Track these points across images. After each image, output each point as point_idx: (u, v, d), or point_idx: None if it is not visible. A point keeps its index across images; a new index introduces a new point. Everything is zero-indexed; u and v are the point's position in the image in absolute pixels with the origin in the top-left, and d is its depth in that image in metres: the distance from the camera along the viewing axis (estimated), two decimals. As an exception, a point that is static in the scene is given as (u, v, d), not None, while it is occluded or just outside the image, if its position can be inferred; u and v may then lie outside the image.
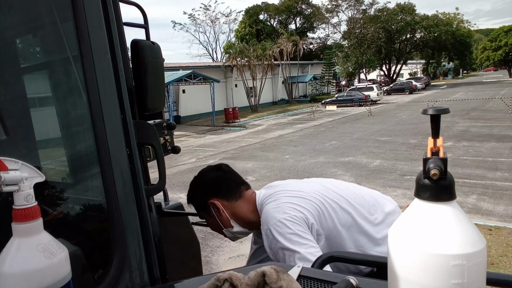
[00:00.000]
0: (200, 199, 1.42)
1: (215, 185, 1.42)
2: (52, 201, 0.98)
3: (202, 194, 1.42)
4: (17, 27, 1.03)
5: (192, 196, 1.45)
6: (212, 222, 1.44)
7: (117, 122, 0.89)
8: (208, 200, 1.39)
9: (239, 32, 43.90)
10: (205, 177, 1.46)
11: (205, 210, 1.42)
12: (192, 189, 1.45)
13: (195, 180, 1.46)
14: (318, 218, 1.26)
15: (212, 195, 1.40)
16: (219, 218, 1.40)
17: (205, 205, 1.40)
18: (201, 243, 2.87)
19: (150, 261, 0.93)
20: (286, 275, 0.70)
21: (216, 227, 1.45)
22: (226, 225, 1.41)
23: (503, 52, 54.23)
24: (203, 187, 1.43)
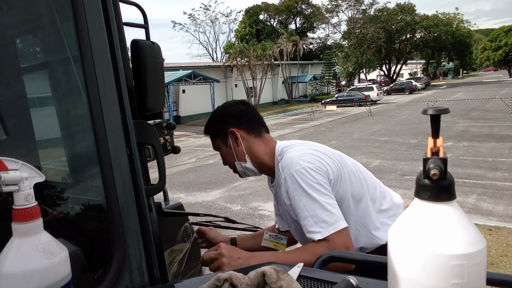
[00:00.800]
0: (220, 126, 1.41)
1: (238, 116, 1.42)
2: (52, 201, 0.98)
3: (223, 121, 1.41)
4: (17, 27, 1.03)
5: (212, 122, 1.45)
6: (226, 152, 1.43)
7: (117, 122, 0.89)
8: (229, 128, 1.39)
9: (239, 32, 43.90)
10: (229, 106, 1.46)
11: (222, 138, 1.42)
12: (213, 116, 1.46)
13: (218, 109, 1.48)
14: (335, 179, 1.26)
15: (233, 124, 1.40)
16: (235, 148, 1.40)
17: (223, 133, 1.40)
18: (201, 243, 2.86)
19: (150, 261, 0.93)
20: (286, 275, 0.70)
21: (228, 159, 1.44)
22: (239, 158, 1.41)
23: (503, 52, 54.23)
24: (226, 115, 1.43)
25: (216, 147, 1.47)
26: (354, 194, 1.31)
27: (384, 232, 1.33)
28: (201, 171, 9.39)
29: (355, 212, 1.31)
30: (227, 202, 6.65)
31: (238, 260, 1.16)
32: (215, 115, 1.46)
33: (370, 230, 1.33)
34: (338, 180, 1.27)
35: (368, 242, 1.34)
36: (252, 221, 5.47)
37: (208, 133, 1.47)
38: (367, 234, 1.33)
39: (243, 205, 6.39)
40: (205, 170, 9.52)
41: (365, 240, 1.34)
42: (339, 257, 1.03)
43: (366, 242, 1.34)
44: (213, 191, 7.45)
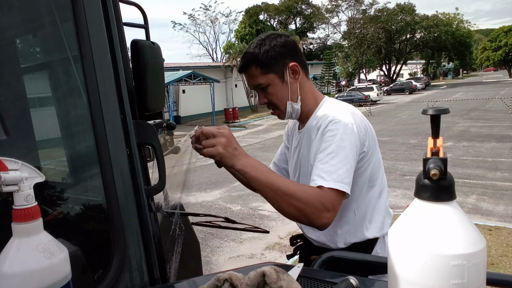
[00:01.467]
0: (278, 58, 1.23)
1: (295, 49, 1.27)
2: (52, 201, 0.98)
3: (281, 53, 1.23)
4: (17, 27, 1.03)
5: (267, 52, 1.22)
6: (278, 89, 1.25)
7: (117, 122, 0.89)
8: (290, 62, 1.24)
9: (239, 32, 43.90)
10: (282, 38, 1.26)
11: (278, 73, 1.24)
12: (267, 46, 1.23)
13: (269, 38, 1.26)
14: (367, 152, 1.22)
15: (291, 58, 1.24)
16: (291, 86, 1.25)
17: (281, 66, 1.24)
18: (201, 243, 2.87)
19: (150, 261, 0.93)
20: (286, 275, 0.70)
21: (279, 97, 1.27)
22: (292, 97, 1.26)
23: (503, 52, 54.26)
24: (282, 47, 1.24)
25: (264, 83, 1.25)
26: (372, 179, 1.27)
27: (374, 229, 1.30)
28: (201, 171, 9.39)
29: (364, 195, 1.27)
30: (227, 202, 6.65)
31: (234, 151, 1.05)
32: (267, 46, 1.23)
33: (364, 220, 1.30)
34: (368, 156, 1.22)
35: (355, 230, 1.29)
36: (252, 221, 5.47)
37: (257, 67, 1.24)
38: (359, 222, 1.29)
39: (243, 205, 6.39)
40: (205, 170, 9.52)
41: (354, 227, 1.29)
42: (339, 257, 1.03)
43: (354, 229, 1.29)
44: (213, 191, 7.46)
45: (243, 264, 3.73)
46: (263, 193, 1.08)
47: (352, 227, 1.30)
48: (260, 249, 4.60)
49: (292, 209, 1.05)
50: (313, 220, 1.05)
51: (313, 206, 1.04)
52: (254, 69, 1.25)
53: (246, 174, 1.06)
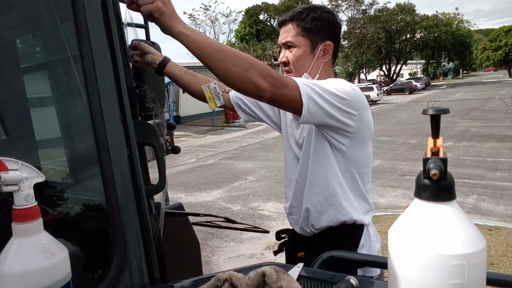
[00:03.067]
0: (322, 30, 1.24)
1: (338, 32, 1.29)
2: (52, 201, 0.98)
3: (327, 28, 1.25)
4: (17, 27, 1.03)
5: (318, 20, 1.24)
6: (303, 56, 1.26)
7: (117, 122, 0.89)
8: (328, 40, 1.25)
9: (239, 32, 43.90)
10: (337, 18, 1.29)
11: (312, 41, 1.25)
12: (321, 13, 1.25)
13: (327, 10, 1.28)
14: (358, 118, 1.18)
15: (330, 38, 1.26)
16: (316, 61, 1.26)
17: (319, 39, 1.25)
18: (201, 243, 2.87)
19: (150, 261, 0.93)
20: (286, 275, 0.70)
21: (301, 64, 1.27)
22: (311, 72, 1.27)
23: (503, 52, 54.28)
24: (331, 24, 1.26)
25: (295, 43, 1.26)
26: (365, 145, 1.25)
27: (359, 213, 1.27)
28: (201, 171, 9.38)
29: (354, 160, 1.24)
30: (227, 202, 6.65)
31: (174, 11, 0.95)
32: (321, 14, 1.25)
33: (349, 198, 1.26)
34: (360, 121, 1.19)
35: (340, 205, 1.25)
36: (252, 221, 5.48)
37: (298, 25, 1.25)
38: (345, 198, 1.25)
39: (243, 205, 6.39)
40: (205, 170, 9.52)
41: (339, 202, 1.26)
42: (339, 257, 1.03)
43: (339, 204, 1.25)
44: (213, 191, 7.45)
45: (243, 264, 3.73)
46: (206, 55, 0.96)
47: (337, 201, 1.26)
48: (260, 249, 4.60)
49: (237, 70, 0.96)
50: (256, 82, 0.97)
51: (259, 68, 0.98)
52: (296, 26, 1.26)
53: (187, 37, 0.95)
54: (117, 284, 0.85)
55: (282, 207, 6.13)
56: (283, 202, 5.87)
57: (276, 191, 7.02)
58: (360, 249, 1.29)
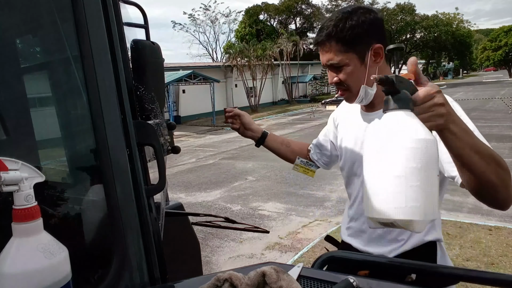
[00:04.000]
0: (364, 38, 1.12)
1: (382, 28, 1.15)
2: (52, 201, 0.98)
3: (367, 32, 1.12)
4: (17, 27, 1.03)
5: (354, 29, 1.10)
6: (355, 71, 1.15)
7: (117, 122, 0.89)
8: (375, 43, 1.12)
9: (239, 32, 43.89)
10: (373, 15, 1.14)
11: (358, 53, 1.13)
12: (353, 18, 1.11)
13: (359, 12, 1.13)
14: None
15: (376, 39, 1.13)
16: (369, 69, 1.13)
17: (364, 47, 1.13)
18: (201, 243, 2.87)
19: (150, 261, 0.93)
20: (286, 275, 0.70)
21: (355, 79, 1.16)
22: (368, 81, 1.15)
23: (503, 52, 54.29)
24: (371, 26, 1.12)
25: (340, 62, 1.14)
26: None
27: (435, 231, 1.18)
28: (201, 171, 9.38)
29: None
30: (227, 202, 6.65)
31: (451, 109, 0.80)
32: (356, 21, 1.10)
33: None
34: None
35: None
36: (252, 221, 5.47)
37: (338, 43, 1.13)
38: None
39: (243, 205, 6.38)
40: (205, 170, 9.52)
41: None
42: (339, 257, 1.03)
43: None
44: (213, 191, 7.45)
45: (243, 264, 3.73)
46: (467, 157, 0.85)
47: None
48: (260, 249, 4.60)
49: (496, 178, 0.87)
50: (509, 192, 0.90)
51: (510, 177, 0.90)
52: (334, 44, 1.14)
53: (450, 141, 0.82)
54: (117, 284, 0.85)
55: (282, 207, 6.13)
56: (283, 202, 5.87)
57: (276, 191, 7.02)
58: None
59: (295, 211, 5.86)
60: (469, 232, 4.55)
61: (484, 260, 3.84)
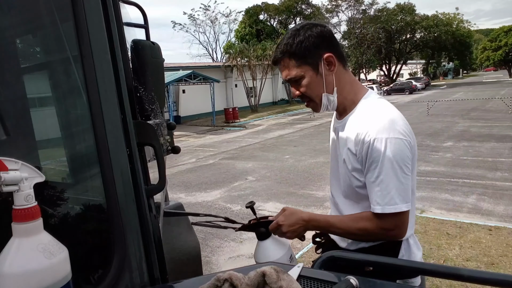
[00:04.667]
0: (313, 49, 1.20)
1: (330, 40, 1.24)
2: (52, 201, 0.98)
3: (316, 43, 1.21)
4: (17, 27, 1.03)
5: (301, 43, 1.20)
6: (312, 81, 1.24)
7: (117, 122, 0.89)
8: (325, 53, 1.21)
9: (239, 32, 43.87)
10: (318, 28, 1.23)
11: (312, 64, 1.22)
12: (301, 36, 1.21)
13: (304, 28, 1.23)
14: (412, 156, 1.18)
15: (327, 49, 1.22)
16: (326, 78, 1.22)
17: (315, 58, 1.21)
18: (201, 243, 2.87)
19: (150, 261, 0.93)
20: (286, 275, 0.70)
21: (314, 89, 1.25)
22: (328, 89, 1.24)
23: (503, 52, 54.27)
24: (317, 38, 1.21)
25: (297, 75, 1.24)
26: (414, 184, 1.24)
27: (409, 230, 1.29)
28: (201, 171, 9.38)
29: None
30: (227, 202, 6.65)
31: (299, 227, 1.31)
32: (302, 36, 1.21)
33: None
34: (414, 159, 1.19)
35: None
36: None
37: (291, 58, 1.23)
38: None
39: (243, 205, 6.38)
40: (205, 170, 9.51)
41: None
42: (339, 257, 1.03)
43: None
44: (213, 191, 7.45)
45: (243, 264, 3.73)
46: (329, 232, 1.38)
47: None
48: (260, 249, 4.59)
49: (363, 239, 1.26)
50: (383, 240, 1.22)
51: (375, 235, 1.19)
52: (288, 60, 1.24)
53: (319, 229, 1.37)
54: (117, 284, 0.85)
55: (282, 207, 6.13)
56: (283, 202, 5.88)
57: (276, 191, 7.02)
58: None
59: (295, 211, 5.85)
60: (469, 232, 4.55)
61: (484, 260, 3.84)
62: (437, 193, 6.18)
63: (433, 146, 10.04)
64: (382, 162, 1.12)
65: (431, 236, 4.49)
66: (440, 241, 4.35)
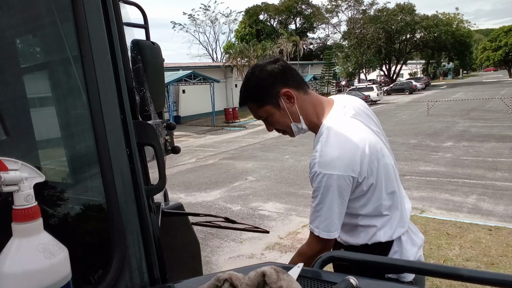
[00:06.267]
0: (268, 90, 1.30)
1: (283, 74, 1.31)
2: (52, 201, 0.98)
3: (269, 84, 1.30)
4: (17, 27, 1.03)
5: (255, 88, 1.31)
6: (278, 116, 1.33)
7: (117, 122, 0.89)
8: (280, 89, 1.29)
9: (239, 32, 43.89)
10: (266, 67, 1.31)
11: (272, 103, 1.31)
12: (254, 82, 1.32)
13: (254, 73, 1.32)
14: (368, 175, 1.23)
15: (282, 85, 1.30)
16: (289, 110, 1.32)
17: (273, 96, 1.30)
18: (201, 243, 2.87)
19: (150, 261, 0.93)
20: (286, 275, 0.70)
21: (282, 122, 1.35)
22: (294, 119, 1.34)
23: (503, 52, 54.27)
24: (270, 76, 1.30)
25: (263, 115, 1.35)
26: (388, 186, 1.30)
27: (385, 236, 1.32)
28: (201, 171, 9.38)
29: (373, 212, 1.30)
30: (227, 202, 6.65)
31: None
32: (255, 81, 1.31)
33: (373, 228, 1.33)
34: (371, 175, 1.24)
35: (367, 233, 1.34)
36: (252, 221, 5.47)
37: (252, 102, 1.34)
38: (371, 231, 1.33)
39: (243, 205, 6.39)
40: (205, 170, 9.52)
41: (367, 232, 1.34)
42: (339, 257, 1.03)
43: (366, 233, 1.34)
44: (213, 191, 7.45)
45: (243, 264, 3.73)
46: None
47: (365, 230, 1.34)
48: (260, 249, 4.60)
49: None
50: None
51: (312, 257, 1.18)
52: (251, 104, 1.35)
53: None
54: (117, 284, 0.85)
55: (282, 207, 6.13)
56: (283, 202, 5.87)
57: (276, 191, 7.02)
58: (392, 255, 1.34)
59: (295, 211, 5.86)
60: (469, 232, 4.55)
61: (484, 260, 3.84)
62: (437, 193, 6.18)
63: (433, 146, 10.04)
64: (319, 192, 1.23)
65: (431, 236, 4.49)
66: (440, 241, 4.35)
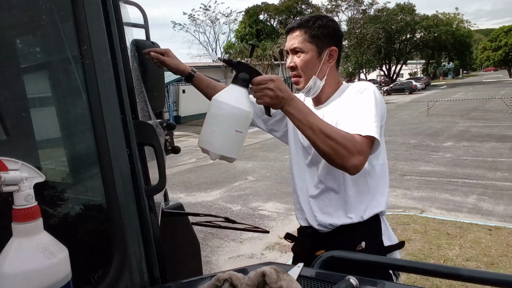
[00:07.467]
0: (328, 36, 1.35)
1: (341, 38, 1.41)
2: (52, 201, 0.98)
3: (331, 35, 1.36)
4: (17, 27, 1.03)
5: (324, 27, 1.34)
6: (310, 60, 1.35)
7: (117, 122, 0.89)
8: (333, 46, 1.36)
9: (239, 32, 43.88)
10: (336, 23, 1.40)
11: (319, 47, 1.35)
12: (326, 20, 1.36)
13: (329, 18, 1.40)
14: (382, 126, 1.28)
15: (335, 44, 1.37)
16: (323, 65, 1.36)
17: (325, 44, 1.35)
18: (201, 243, 2.87)
19: (150, 261, 0.93)
20: (286, 275, 0.70)
21: (309, 68, 1.36)
22: (319, 75, 1.37)
23: (503, 52, 54.30)
24: (336, 31, 1.38)
25: (303, 49, 1.35)
26: (382, 152, 1.38)
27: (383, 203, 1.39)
28: (201, 171, 9.38)
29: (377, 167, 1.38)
30: (227, 202, 6.65)
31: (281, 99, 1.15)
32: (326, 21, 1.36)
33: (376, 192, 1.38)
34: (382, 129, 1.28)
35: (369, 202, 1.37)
36: (252, 221, 5.47)
37: (306, 33, 1.35)
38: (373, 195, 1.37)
39: (243, 205, 6.38)
40: (205, 170, 9.52)
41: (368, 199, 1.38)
42: (339, 257, 1.03)
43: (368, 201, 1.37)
44: (213, 191, 7.45)
45: (243, 264, 3.73)
46: (304, 132, 1.17)
47: (366, 198, 1.37)
48: (260, 249, 4.60)
49: (327, 148, 1.13)
50: (345, 160, 1.14)
51: (346, 148, 1.13)
52: (302, 33, 1.35)
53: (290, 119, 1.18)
54: (117, 284, 0.85)
55: (282, 207, 6.13)
56: (283, 202, 5.86)
57: (276, 191, 7.02)
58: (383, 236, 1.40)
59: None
60: (469, 232, 4.55)
61: (484, 260, 3.84)
62: (437, 193, 6.18)
63: (433, 146, 10.03)
64: (369, 100, 1.25)
65: (431, 236, 4.49)
66: (440, 241, 4.35)
